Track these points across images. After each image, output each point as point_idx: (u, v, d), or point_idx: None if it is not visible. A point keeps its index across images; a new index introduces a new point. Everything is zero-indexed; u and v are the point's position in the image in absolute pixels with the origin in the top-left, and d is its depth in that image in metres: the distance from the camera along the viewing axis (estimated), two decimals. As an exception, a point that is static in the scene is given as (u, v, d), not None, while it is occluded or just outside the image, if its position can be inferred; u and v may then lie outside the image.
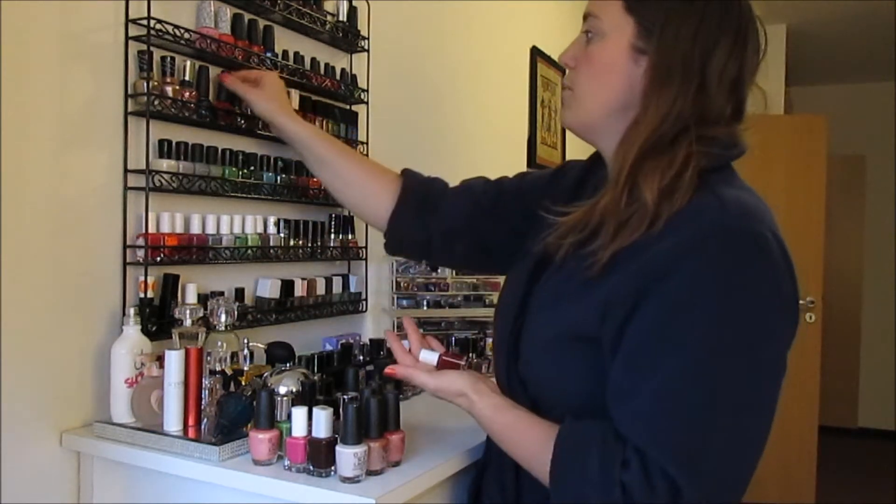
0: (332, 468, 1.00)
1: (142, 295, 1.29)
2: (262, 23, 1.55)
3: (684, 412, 0.80)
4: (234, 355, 1.25)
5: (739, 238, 0.83)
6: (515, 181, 1.27)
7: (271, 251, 1.55)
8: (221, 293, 1.43)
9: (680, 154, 0.88)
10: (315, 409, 1.01)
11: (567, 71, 1.02)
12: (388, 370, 1.06)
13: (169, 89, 1.32)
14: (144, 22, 1.27)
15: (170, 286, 1.33)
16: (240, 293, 1.51)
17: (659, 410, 0.81)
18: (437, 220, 1.26)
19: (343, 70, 1.78)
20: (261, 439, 1.03)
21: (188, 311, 1.21)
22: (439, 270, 1.94)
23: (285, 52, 1.61)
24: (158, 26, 1.29)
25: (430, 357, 1.04)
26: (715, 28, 0.90)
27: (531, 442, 0.92)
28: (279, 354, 1.37)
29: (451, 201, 1.27)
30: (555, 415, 0.93)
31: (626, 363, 0.85)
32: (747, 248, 0.82)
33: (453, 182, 1.34)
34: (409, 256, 1.51)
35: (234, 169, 1.46)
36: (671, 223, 0.85)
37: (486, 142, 2.68)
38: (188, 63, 1.37)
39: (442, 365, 1.04)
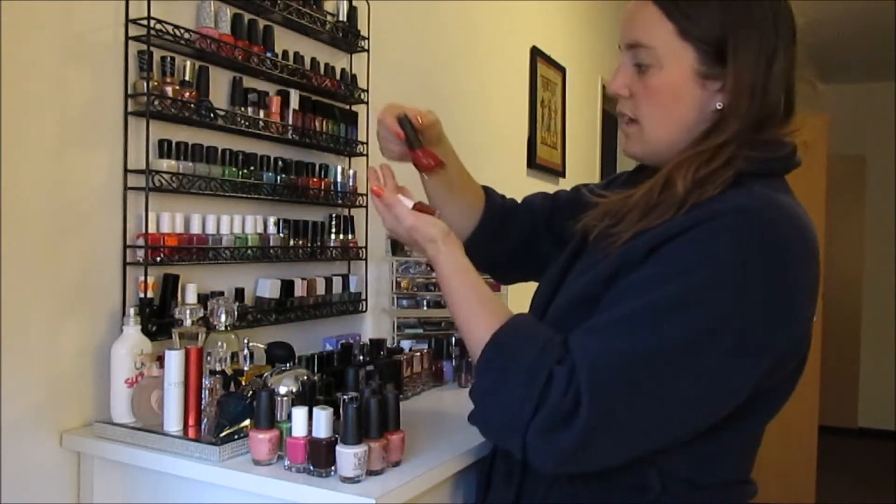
0: (333, 468, 1.00)
1: (142, 295, 1.29)
2: (262, 23, 1.55)
3: (625, 348, 0.81)
4: (234, 355, 1.24)
5: (759, 224, 0.82)
6: (570, 194, 1.29)
7: (271, 251, 1.55)
8: (221, 293, 1.43)
9: (723, 153, 0.88)
10: (315, 409, 1.01)
11: (620, 100, 0.99)
12: (374, 188, 1.04)
13: (169, 89, 1.32)
14: (144, 22, 1.27)
15: (170, 286, 1.33)
16: (240, 293, 1.51)
17: (605, 337, 0.83)
18: (503, 243, 1.29)
19: (343, 70, 1.78)
20: (261, 439, 1.03)
21: (188, 311, 1.21)
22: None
23: (285, 52, 1.61)
24: (158, 26, 1.29)
25: (406, 202, 1.04)
26: (773, 37, 0.89)
27: (481, 309, 0.94)
28: (279, 354, 1.37)
29: (514, 224, 1.29)
30: None
31: (605, 301, 0.87)
32: (763, 235, 0.82)
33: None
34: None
35: (234, 169, 1.46)
36: (695, 209, 0.86)
37: (487, 142, 2.68)
38: (188, 63, 1.37)
39: (416, 210, 1.03)
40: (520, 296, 1.45)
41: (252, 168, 1.51)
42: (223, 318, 1.26)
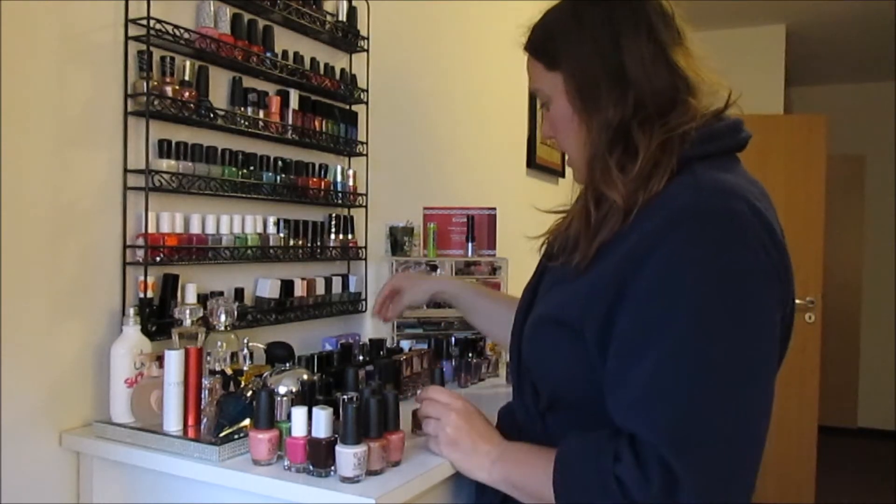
0: (332, 468, 1.00)
1: (141, 295, 1.29)
2: (261, 23, 1.55)
3: (675, 395, 0.80)
4: (233, 355, 1.24)
5: (712, 217, 0.83)
6: None
7: (271, 251, 1.55)
8: (221, 293, 1.43)
9: (644, 144, 0.89)
10: (315, 409, 1.01)
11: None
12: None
13: (168, 89, 1.32)
14: (144, 22, 1.27)
15: (169, 286, 1.33)
16: (239, 293, 1.51)
17: (650, 396, 0.81)
18: None
19: (343, 70, 1.78)
20: (260, 439, 1.03)
21: (188, 311, 1.21)
22: (438, 271, 1.94)
23: (285, 52, 1.61)
24: (158, 26, 1.29)
25: None
26: (608, 28, 0.93)
27: (538, 480, 0.92)
28: (279, 354, 1.37)
29: None
30: (549, 400, 0.96)
31: (616, 353, 0.85)
32: (721, 227, 0.82)
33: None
34: None
35: (233, 169, 1.46)
36: (648, 208, 0.86)
37: (486, 141, 2.68)
38: (188, 63, 1.37)
39: None
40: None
41: (252, 168, 1.51)
42: (223, 317, 1.26)
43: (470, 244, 2.00)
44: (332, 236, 1.75)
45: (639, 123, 0.91)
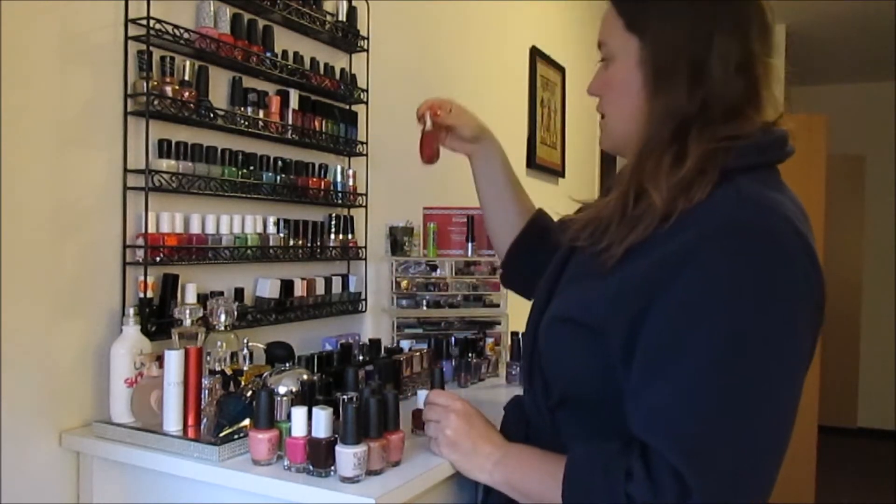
0: (332, 468, 1.00)
1: (141, 295, 1.29)
2: (261, 22, 1.55)
3: (697, 411, 0.79)
4: (233, 355, 1.24)
5: (753, 232, 0.81)
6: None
7: (271, 251, 1.55)
8: (221, 293, 1.43)
9: (693, 150, 0.87)
10: (315, 409, 1.01)
11: (599, 100, 1.02)
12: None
13: (168, 89, 1.32)
14: (144, 22, 1.27)
15: (169, 286, 1.33)
16: (239, 293, 1.51)
17: (672, 408, 0.80)
18: (541, 256, 1.23)
19: (342, 70, 1.78)
20: (260, 439, 1.03)
21: (188, 311, 1.21)
22: (439, 270, 1.94)
23: (285, 52, 1.61)
24: (158, 26, 1.29)
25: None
26: (709, 18, 0.89)
27: (541, 486, 0.91)
28: (279, 354, 1.37)
29: (551, 240, 1.22)
30: (560, 396, 0.94)
31: (643, 362, 0.84)
32: (760, 243, 0.81)
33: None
34: (517, 292, 1.41)
35: (233, 169, 1.46)
36: (687, 217, 0.84)
37: (486, 142, 2.67)
38: (187, 63, 1.37)
39: None
40: (521, 300, 1.44)
41: (252, 168, 1.51)
42: (223, 317, 1.26)
43: (470, 244, 2.00)
44: (332, 236, 1.75)
45: (699, 125, 0.88)
